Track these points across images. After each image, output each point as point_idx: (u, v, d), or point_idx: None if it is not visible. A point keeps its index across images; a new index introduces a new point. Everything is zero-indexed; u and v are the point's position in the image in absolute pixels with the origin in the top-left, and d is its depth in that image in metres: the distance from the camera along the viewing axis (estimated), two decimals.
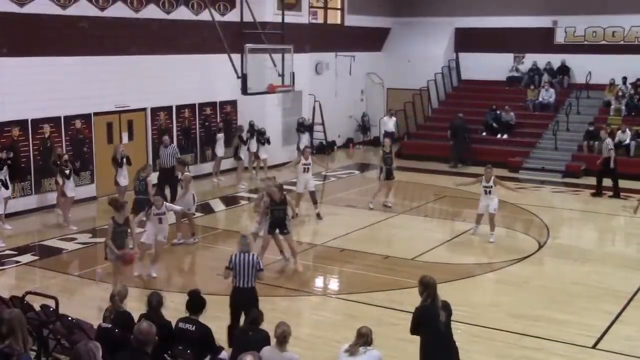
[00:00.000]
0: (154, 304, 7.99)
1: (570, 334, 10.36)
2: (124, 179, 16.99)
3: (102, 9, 18.46)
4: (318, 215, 16.96)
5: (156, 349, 6.69)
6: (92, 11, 18.22)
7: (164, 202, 12.88)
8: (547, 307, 11.53)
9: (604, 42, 26.62)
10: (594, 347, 10.06)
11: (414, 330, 7.67)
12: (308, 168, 17.11)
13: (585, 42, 26.95)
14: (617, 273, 13.31)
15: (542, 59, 27.58)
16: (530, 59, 27.83)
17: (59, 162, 16.15)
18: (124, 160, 16.96)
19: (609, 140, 20.31)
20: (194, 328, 7.84)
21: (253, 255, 9.51)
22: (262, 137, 21.85)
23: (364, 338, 7.20)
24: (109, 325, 7.88)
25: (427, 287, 7.62)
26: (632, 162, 22.31)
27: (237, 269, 9.33)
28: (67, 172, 15.91)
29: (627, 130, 22.89)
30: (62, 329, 8.43)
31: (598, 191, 19.98)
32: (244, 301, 9.18)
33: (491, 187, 15.13)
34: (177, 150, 18.32)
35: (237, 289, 9.38)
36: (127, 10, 19.10)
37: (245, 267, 9.31)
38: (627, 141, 22.72)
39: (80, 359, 5.27)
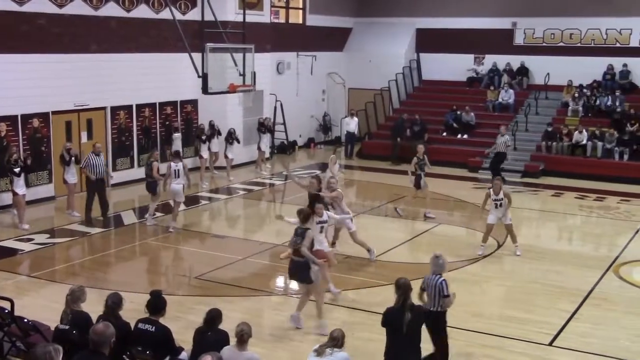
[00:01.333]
0: (110, 304, 7.90)
1: (529, 331, 10.52)
2: (72, 177, 16.87)
3: (61, 6, 18.21)
4: None
5: (114, 350, 6.62)
6: (50, 8, 17.96)
7: (325, 211, 11.97)
8: (506, 306, 11.69)
9: (562, 44, 27.06)
10: (550, 344, 10.21)
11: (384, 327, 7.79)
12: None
13: (544, 44, 27.38)
14: (574, 272, 13.55)
15: (501, 60, 27.94)
16: (490, 60, 28.17)
17: (9, 160, 15.86)
18: (72, 159, 16.77)
19: (507, 137, 21.13)
20: (153, 329, 7.76)
21: (439, 278, 8.65)
22: (231, 137, 21.83)
23: (334, 341, 7.26)
24: (67, 327, 7.77)
25: (399, 289, 7.75)
26: (588, 162, 22.77)
27: (428, 291, 8.67)
28: (17, 170, 15.60)
29: (584, 131, 23.30)
30: (17, 331, 8.30)
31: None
32: (431, 325, 8.60)
33: (502, 199, 14.36)
34: (104, 163, 17.11)
35: (429, 313, 8.60)
36: (86, 7, 18.87)
37: (433, 289, 8.63)
38: (584, 142, 23.13)
39: None
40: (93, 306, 8.03)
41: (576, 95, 25.33)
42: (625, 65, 25.77)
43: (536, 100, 25.88)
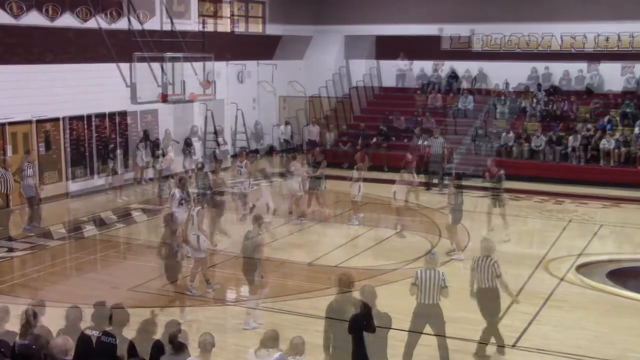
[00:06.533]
0: (72, 318, 8.39)
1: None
2: (29, 190, 17.41)
3: None
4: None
5: None
6: None
7: None
8: (467, 309, 12.38)
9: (518, 50, 28.47)
10: (514, 346, 11.08)
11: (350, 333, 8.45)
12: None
13: (502, 50, 28.81)
14: (534, 274, 14.49)
15: (459, 67, 29.46)
16: (448, 66, 29.63)
17: None
18: (30, 171, 17.38)
19: (442, 139, 23.04)
20: (116, 341, 8.13)
21: (438, 272, 10.22)
22: (187, 148, 22.58)
23: (295, 349, 7.88)
24: (26, 342, 7.92)
25: (361, 295, 8.48)
26: (544, 165, 24.18)
27: (422, 286, 10.02)
28: None
29: (542, 135, 24.70)
30: None
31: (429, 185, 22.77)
32: (429, 317, 10.10)
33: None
34: None
35: (421, 305, 10.13)
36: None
37: (430, 283, 10.05)
38: (542, 146, 24.50)
39: None
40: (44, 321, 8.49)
41: (535, 100, 26.80)
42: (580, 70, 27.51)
43: (495, 105, 27.22)
